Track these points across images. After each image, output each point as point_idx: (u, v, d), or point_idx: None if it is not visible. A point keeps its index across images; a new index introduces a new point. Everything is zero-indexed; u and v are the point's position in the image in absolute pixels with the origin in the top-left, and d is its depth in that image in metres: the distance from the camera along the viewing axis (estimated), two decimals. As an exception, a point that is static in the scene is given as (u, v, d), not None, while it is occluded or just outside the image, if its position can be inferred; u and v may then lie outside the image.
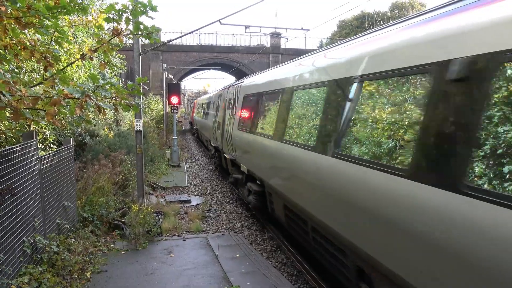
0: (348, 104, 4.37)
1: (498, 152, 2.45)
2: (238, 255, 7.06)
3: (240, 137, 9.78)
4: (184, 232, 8.53)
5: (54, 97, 3.46)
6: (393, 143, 3.47)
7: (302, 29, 14.74)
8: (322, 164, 4.69)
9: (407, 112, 3.36)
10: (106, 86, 4.02)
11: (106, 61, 5.06)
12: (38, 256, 5.61)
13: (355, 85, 4.27)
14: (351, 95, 4.33)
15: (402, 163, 3.25)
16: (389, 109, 3.65)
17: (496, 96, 2.52)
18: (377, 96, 3.89)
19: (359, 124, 4.10)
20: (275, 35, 36.97)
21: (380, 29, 4.42)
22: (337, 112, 4.58)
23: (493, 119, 2.52)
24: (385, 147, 3.58)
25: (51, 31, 4.36)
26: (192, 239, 7.96)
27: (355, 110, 4.21)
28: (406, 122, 3.34)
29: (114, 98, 4.39)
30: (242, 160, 9.56)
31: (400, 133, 3.41)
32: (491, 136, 2.50)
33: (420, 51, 3.29)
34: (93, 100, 3.68)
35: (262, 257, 7.14)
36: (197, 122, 28.57)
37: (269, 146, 7.06)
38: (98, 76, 3.96)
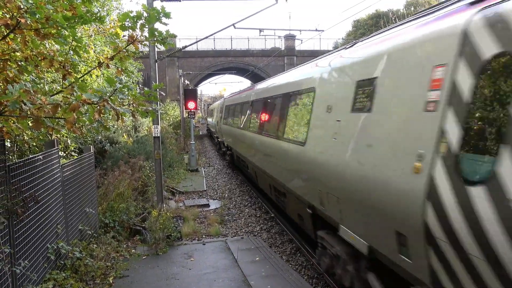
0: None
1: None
2: (257, 258, 7.02)
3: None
4: (204, 236, 8.56)
5: (73, 102, 3.51)
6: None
7: (316, 30, 14.65)
8: None
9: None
10: (124, 89, 4.07)
11: (123, 68, 5.12)
12: (62, 262, 5.71)
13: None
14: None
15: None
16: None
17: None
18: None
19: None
20: (290, 37, 36.88)
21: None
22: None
23: None
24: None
25: (69, 40, 4.44)
26: (211, 243, 7.97)
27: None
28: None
29: (131, 104, 4.44)
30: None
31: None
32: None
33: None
34: (110, 105, 3.72)
35: (282, 260, 7.08)
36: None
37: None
38: (115, 80, 4.01)
